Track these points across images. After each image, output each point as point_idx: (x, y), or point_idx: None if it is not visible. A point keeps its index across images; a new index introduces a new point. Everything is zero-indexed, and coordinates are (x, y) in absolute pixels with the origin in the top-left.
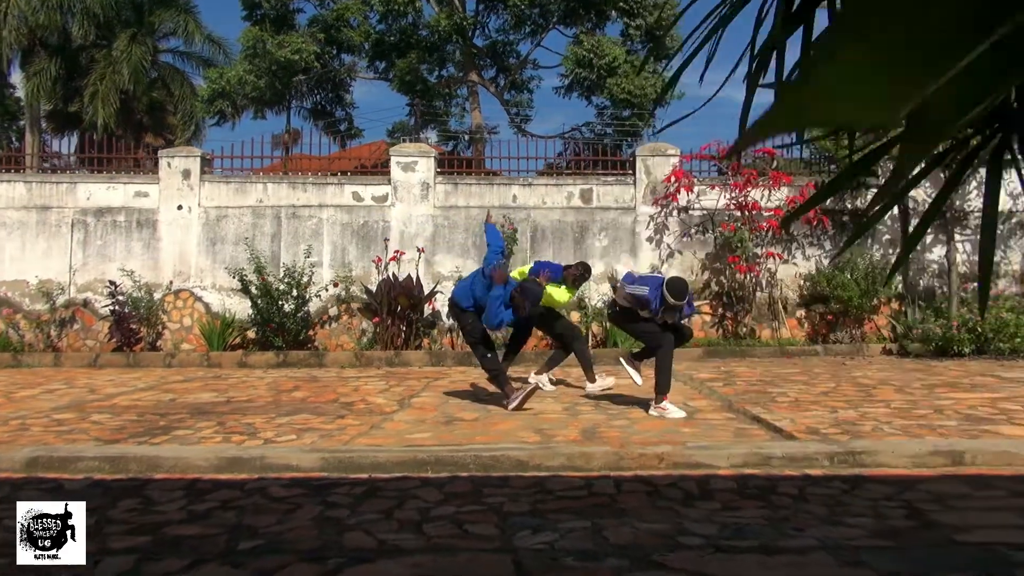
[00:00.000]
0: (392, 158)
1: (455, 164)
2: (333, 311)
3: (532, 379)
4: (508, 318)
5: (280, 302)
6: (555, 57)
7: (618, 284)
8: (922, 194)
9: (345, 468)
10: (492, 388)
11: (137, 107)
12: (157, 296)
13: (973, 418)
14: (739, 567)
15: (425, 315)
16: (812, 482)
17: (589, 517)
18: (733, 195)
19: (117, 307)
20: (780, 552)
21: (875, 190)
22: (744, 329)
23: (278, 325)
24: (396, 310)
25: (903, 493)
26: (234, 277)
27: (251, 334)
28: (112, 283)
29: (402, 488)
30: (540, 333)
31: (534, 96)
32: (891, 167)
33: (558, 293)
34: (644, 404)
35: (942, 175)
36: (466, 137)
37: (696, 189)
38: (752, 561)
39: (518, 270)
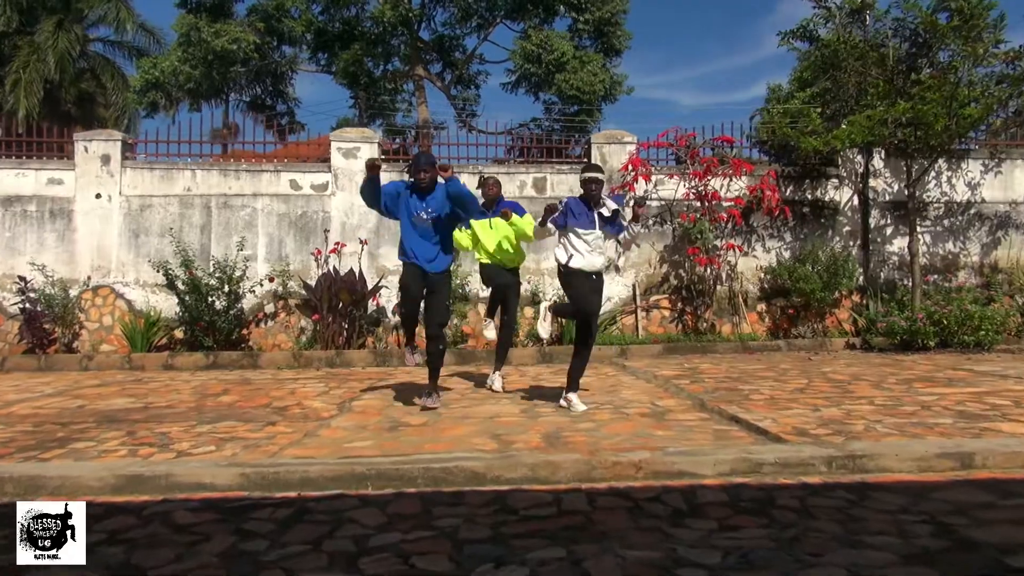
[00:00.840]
0: (332, 143)
1: (401, 153)
2: (269, 308)
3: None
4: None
5: (210, 298)
6: (502, 53)
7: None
8: (882, 184)
9: (269, 486)
10: (447, 385)
11: (64, 97)
12: (73, 293)
13: (967, 415)
14: None
15: (369, 311)
16: (813, 492)
17: (563, 543)
18: (692, 184)
19: (28, 305)
20: None
21: (835, 180)
22: (704, 324)
23: (208, 324)
24: (337, 306)
25: (919, 504)
26: (159, 271)
27: (179, 334)
28: (22, 279)
29: (336, 509)
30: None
31: (481, 92)
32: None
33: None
34: (612, 404)
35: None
36: (412, 132)
37: (654, 178)
38: None
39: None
